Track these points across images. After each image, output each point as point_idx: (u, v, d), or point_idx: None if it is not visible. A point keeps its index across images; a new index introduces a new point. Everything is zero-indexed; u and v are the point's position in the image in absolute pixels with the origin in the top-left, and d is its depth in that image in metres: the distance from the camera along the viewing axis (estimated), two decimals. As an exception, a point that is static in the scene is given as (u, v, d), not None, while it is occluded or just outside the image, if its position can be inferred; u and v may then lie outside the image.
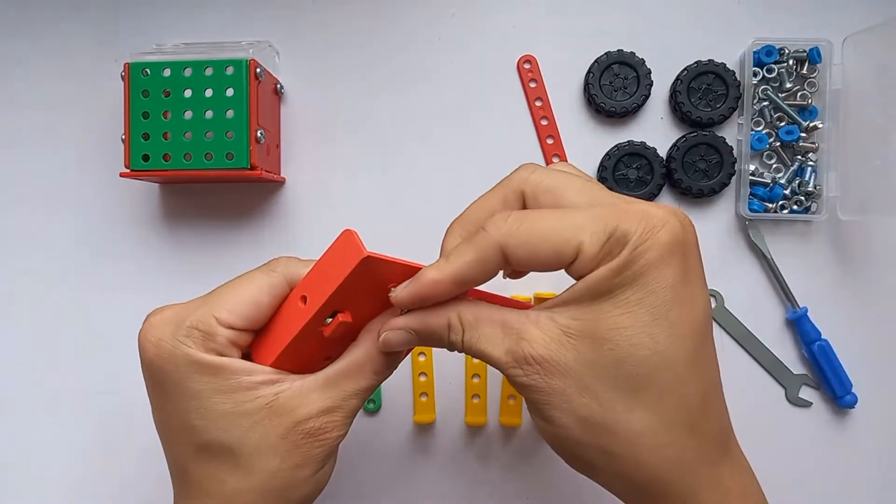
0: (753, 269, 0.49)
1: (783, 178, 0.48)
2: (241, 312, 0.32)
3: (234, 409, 0.32)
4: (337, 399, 0.33)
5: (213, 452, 0.32)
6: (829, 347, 0.48)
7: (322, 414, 0.33)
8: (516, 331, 0.31)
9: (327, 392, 0.33)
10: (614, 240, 0.29)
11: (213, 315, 0.32)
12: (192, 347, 0.32)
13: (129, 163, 0.44)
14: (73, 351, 0.51)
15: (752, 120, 0.48)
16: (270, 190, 0.50)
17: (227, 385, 0.32)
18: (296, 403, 0.33)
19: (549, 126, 0.50)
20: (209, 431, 0.32)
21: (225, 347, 0.32)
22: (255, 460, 0.32)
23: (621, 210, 0.29)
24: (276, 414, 0.32)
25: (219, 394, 0.32)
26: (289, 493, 0.33)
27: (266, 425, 0.32)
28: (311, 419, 0.33)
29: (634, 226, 0.29)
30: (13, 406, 0.51)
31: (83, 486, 0.50)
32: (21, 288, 0.51)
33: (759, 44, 0.47)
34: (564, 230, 0.29)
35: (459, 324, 0.32)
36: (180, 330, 0.32)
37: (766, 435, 0.49)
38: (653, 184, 0.48)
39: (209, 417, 0.32)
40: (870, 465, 0.49)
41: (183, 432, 0.33)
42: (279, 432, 0.32)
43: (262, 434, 0.32)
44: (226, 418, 0.32)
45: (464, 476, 0.50)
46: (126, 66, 0.44)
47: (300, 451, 0.33)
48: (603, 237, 0.29)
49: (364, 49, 0.50)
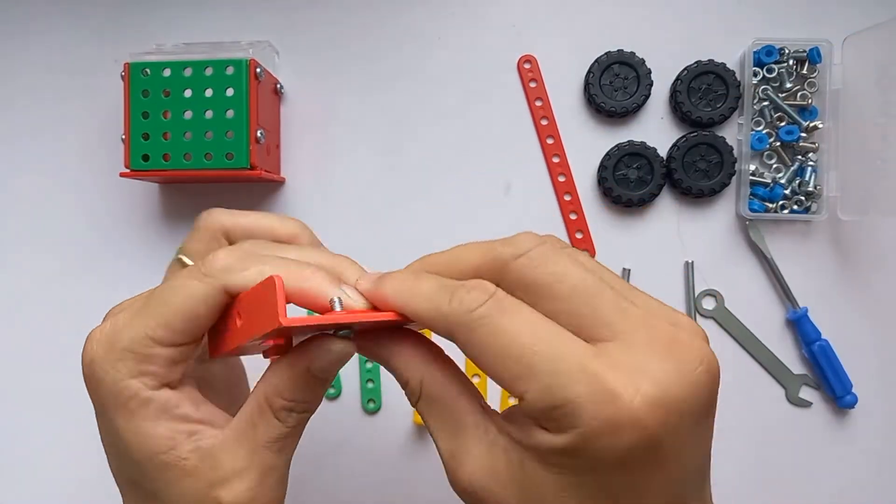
0: (753, 269, 0.49)
1: (783, 178, 0.48)
2: (177, 328, 0.29)
3: (150, 458, 0.29)
4: (247, 456, 0.29)
5: (140, 489, 0.30)
6: (829, 347, 0.48)
7: (234, 480, 0.29)
8: (462, 443, 0.27)
9: (236, 449, 0.29)
10: (559, 412, 0.23)
11: (148, 335, 0.29)
12: (123, 375, 0.29)
13: (129, 163, 0.44)
14: (73, 351, 0.50)
15: (752, 120, 0.48)
16: (270, 190, 0.50)
17: (142, 427, 0.29)
18: (207, 468, 0.29)
19: (549, 126, 0.50)
20: (131, 472, 0.30)
21: (162, 368, 0.29)
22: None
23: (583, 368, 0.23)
24: (191, 476, 0.29)
25: (135, 435, 0.29)
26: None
27: (184, 485, 0.29)
28: (225, 486, 0.29)
29: (585, 399, 0.23)
30: (13, 406, 0.51)
31: (83, 485, 0.50)
32: (21, 287, 0.51)
33: (759, 44, 0.47)
34: (515, 363, 0.24)
35: (419, 389, 0.29)
36: (113, 353, 0.29)
37: (766, 435, 0.49)
38: (653, 184, 0.48)
39: (129, 458, 0.30)
40: (870, 465, 0.49)
41: (113, 457, 0.31)
42: (196, 496, 0.29)
43: (181, 492, 0.29)
44: (143, 465, 0.29)
45: (464, 476, 0.50)
46: (126, 66, 0.44)
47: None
48: (547, 401, 0.23)
49: (364, 49, 0.50)
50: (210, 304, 0.29)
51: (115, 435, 0.29)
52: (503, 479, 0.26)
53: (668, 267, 0.49)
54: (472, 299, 0.25)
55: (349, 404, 0.50)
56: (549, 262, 0.25)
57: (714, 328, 0.49)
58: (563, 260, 0.26)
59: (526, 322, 0.25)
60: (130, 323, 0.29)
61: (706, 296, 0.49)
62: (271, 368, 0.30)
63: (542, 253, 0.26)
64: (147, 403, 0.29)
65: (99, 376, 0.29)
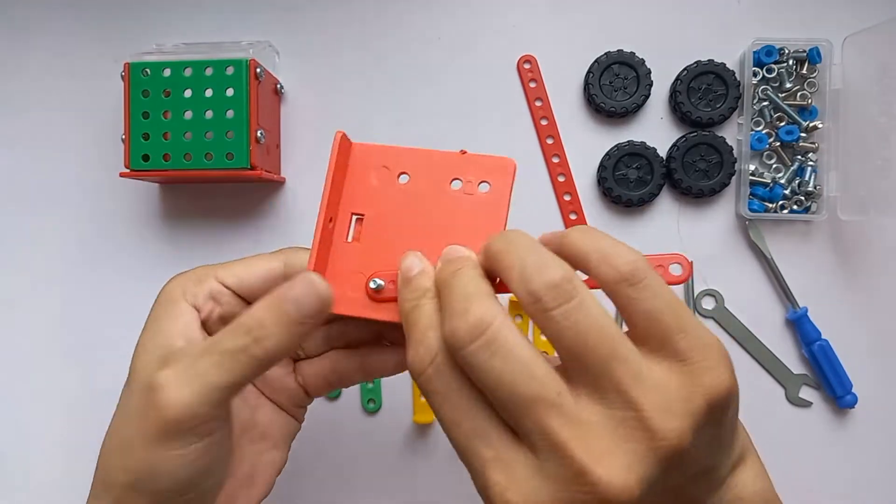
0: (753, 269, 0.49)
1: (783, 178, 0.48)
2: (233, 271, 0.34)
3: (147, 345, 0.32)
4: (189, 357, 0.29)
5: (126, 384, 0.33)
6: (829, 347, 0.48)
7: (166, 368, 0.29)
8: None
9: (189, 359, 0.29)
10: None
11: (215, 268, 0.35)
12: (179, 283, 0.34)
13: (129, 163, 0.44)
14: (74, 351, 0.51)
15: (752, 120, 0.48)
16: (270, 190, 0.50)
17: (163, 324, 0.33)
18: (165, 358, 0.30)
19: (549, 126, 0.50)
20: (138, 356, 0.33)
21: (203, 294, 0.34)
22: (125, 398, 0.32)
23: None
24: (159, 362, 0.30)
25: (154, 328, 0.33)
26: (127, 451, 0.30)
27: (148, 366, 0.31)
28: (160, 371, 0.29)
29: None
30: (13, 405, 0.51)
31: (83, 485, 0.50)
32: (21, 287, 0.51)
33: (759, 44, 0.47)
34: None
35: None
36: (186, 273, 0.35)
37: (766, 435, 0.49)
38: (653, 184, 0.48)
39: (139, 344, 0.33)
40: (870, 465, 0.49)
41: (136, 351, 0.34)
42: (147, 375, 0.30)
43: (142, 376, 0.31)
44: (140, 349, 0.33)
45: (464, 476, 0.50)
46: (126, 66, 0.44)
47: (143, 409, 0.29)
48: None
49: (364, 49, 0.50)
50: (267, 267, 0.35)
51: (146, 325, 0.33)
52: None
53: (668, 267, 0.49)
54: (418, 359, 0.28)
55: (349, 404, 0.50)
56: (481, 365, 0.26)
57: (714, 328, 0.49)
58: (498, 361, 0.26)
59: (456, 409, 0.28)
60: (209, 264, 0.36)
61: (706, 296, 0.49)
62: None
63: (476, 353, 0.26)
64: (176, 304, 0.33)
65: (170, 286, 0.34)
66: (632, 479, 0.25)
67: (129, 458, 0.30)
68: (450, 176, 0.32)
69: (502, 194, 0.32)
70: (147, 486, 0.29)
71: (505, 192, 0.32)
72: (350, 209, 0.33)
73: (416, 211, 0.32)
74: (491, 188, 0.32)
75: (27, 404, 0.51)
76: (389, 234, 0.32)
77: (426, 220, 0.32)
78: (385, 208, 0.33)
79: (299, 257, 0.35)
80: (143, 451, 0.29)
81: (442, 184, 0.32)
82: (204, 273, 0.34)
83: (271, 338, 0.28)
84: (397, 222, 0.33)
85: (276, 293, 0.29)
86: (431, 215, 0.32)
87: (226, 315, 0.34)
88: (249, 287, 0.34)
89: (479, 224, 0.31)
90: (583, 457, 0.25)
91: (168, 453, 0.29)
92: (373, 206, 0.33)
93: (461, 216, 0.32)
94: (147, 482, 0.29)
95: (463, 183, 0.32)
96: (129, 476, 0.30)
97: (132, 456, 0.29)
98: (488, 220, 0.32)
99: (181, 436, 0.29)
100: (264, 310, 0.28)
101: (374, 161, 0.33)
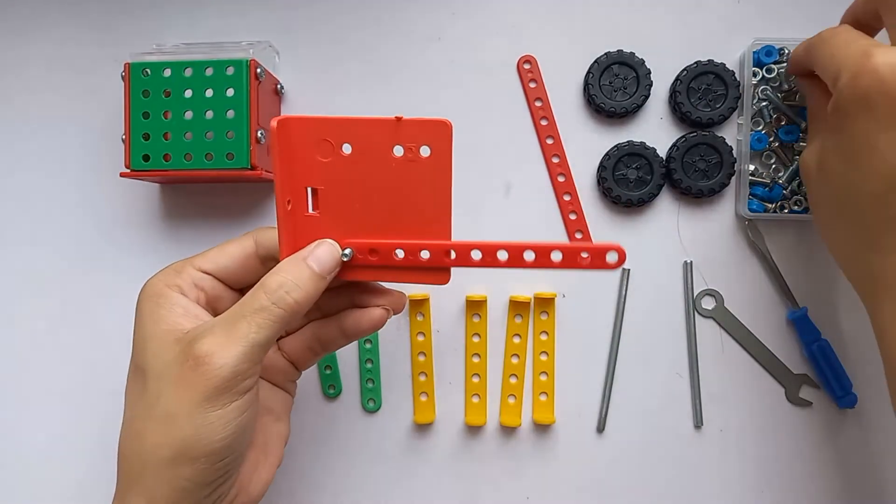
0: (753, 269, 0.49)
1: (783, 178, 0.48)
2: (209, 257, 0.38)
3: (155, 333, 0.34)
4: (224, 322, 0.33)
5: (136, 375, 0.35)
6: (829, 347, 0.48)
7: (206, 336, 0.33)
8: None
9: (220, 318, 0.34)
10: (836, 79, 0.36)
11: (189, 260, 0.38)
12: (158, 279, 0.36)
13: (130, 163, 0.44)
14: (73, 350, 0.51)
15: (751, 120, 0.48)
16: (270, 190, 0.50)
17: (160, 313, 0.35)
18: (195, 335, 0.33)
19: (548, 126, 0.50)
20: (137, 353, 0.35)
21: (186, 283, 0.36)
22: (151, 383, 0.34)
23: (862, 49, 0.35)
24: (178, 342, 0.34)
25: (151, 320, 0.35)
26: (170, 424, 0.32)
27: (168, 351, 0.34)
28: (195, 341, 0.33)
29: (851, 60, 0.35)
30: (13, 406, 0.51)
31: (83, 485, 0.50)
32: (21, 287, 0.51)
33: (758, 44, 0.47)
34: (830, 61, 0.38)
35: None
36: (161, 271, 0.37)
37: (766, 435, 0.49)
38: (653, 184, 0.48)
39: (139, 340, 0.35)
40: (870, 465, 0.49)
41: (132, 353, 0.36)
42: (173, 357, 0.33)
43: (164, 358, 0.34)
44: (147, 341, 0.35)
45: (464, 476, 0.50)
46: (126, 66, 0.44)
47: (181, 377, 0.33)
48: (832, 73, 0.37)
49: (364, 49, 0.50)
50: (240, 245, 0.38)
51: (137, 323, 0.36)
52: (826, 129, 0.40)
53: (668, 267, 0.50)
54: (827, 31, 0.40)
55: (349, 404, 0.50)
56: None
57: (714, 328, 0.49)
58: None
59: (846, 36, 0.38)
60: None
61: (706, 296, 0.49)
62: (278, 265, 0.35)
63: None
64: (166, 295, 0.36)
65: (149, 285, 0.37)
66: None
67: (173, 431, 0.32)
68: (391, 142, 0.34)
69: (444, 155, 0.34)
70: (191, 453, 0.32)
71: (446, 153, 0.34)
72: (305, 184, 0.35)
73: (366, 178, 0.35)
74: (432, 151, 0.34)
75: (27, 404, 0.51)
76: (346, 201, 0.35)
77: (377, 185, 0.35)
78: (336, 178, 0.35)
79: (268, 234, 0.38)
80: (187, 420, 0.32)
81: (384, 150, 0.34)
82: (180, 266, 0.37)
83: (296, 291, 0.33)
84: (350, 190, 0.35)
85: (296, 256, 0.34)
86: (381, 181, 0.34)
87: (211, 298, 0.38)
88: (227, 269, 0.38)
89: (426, 185, 0.34)
90: None
91: (213, 414, 0.32)
92: (324, 179, 0.35)
93: (408, 180, 0.34)
94: (192, 449, 0.32)
95: (404, 148, 0.34)
96: (171, 449, 0.32)
97: (176, 427, 0.32)
98: (434, 181, 0.34)
99: (226, 395, 0.32)
100: (287, 271, 0.34)
101: (315, 134, 0.34)
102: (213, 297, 0.38)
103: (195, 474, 0.32)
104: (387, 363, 0.50)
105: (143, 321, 0.35)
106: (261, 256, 0.38)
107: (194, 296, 0.37)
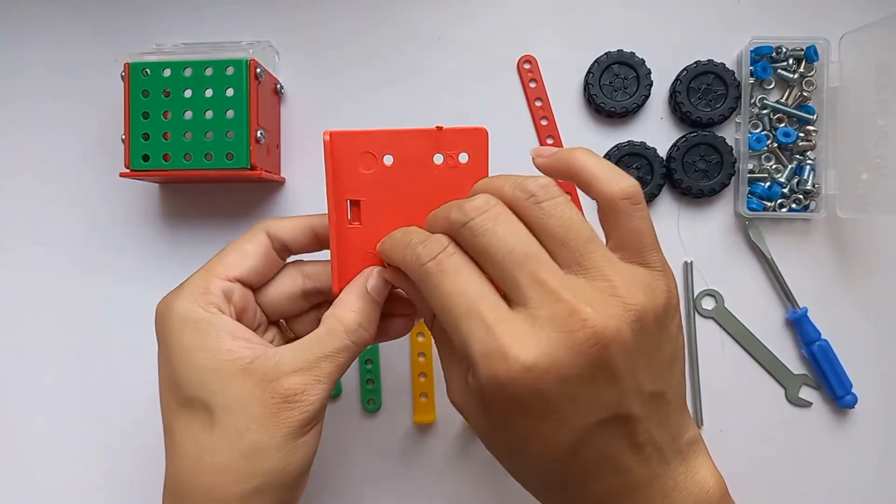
0: (753, 269, 0.49)
1: (782, 177, 0.48)
2: (229, 262, 0.37)
3: (214, 365, 0.34)
4: (308, 361, 0.34)
5: (193, 409, 0.34)
6: (829, 347, 0.48)
7: (292, 375, 0.34)
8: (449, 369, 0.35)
9: (300, 355, 0.34)
10: (468, 362, 0.30)
11: (209, 271, 0.36)
12: (189, 302, 0.35)
13: (129, 163, 0.44)
14: (73, 350, 0.51)
15: (749, 120, 0.48)
16: (270, 190, 0.50)
17: (209, 342, 0.34)
18: (270, 365, 0.34)
19: (549, 126, 0.50)
20: (190, 387, 0.34)
21: (219, 299, 0.36)
22: (226, 417, 0.33)
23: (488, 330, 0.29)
24: (250, 374, 0.34)
25: (202, 350, 0.34)
26: (258, 457, 0.33)
27: (240, 384, 0.33)
28: (282, 379, 0.34)
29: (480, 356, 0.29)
30: (13, 405, 0.51)
31: (83, 485, 0.50)
32: (21, 287, 0.51)
33: (755, 43, 0.47)
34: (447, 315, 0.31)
35: (431, 322, 0.35)
36: (182, 290, 0.36)
37: (766, 435, 0.49)
38: (653, 184, 0.48)
39: (192, 372, 0.34)
40: (870, 465, 0.49)
41: (171, 388, 0.35)
42: (250, 391, 0.33)
43: (236, 392, 0.33)
44: (206, 374, 0.34)
45: (464, 476, 0.50)
46: (126, 66, 0.44)
47: (269, 413, 0.33)
48: (462, 351, 0.30)
49: (364, 49, 0.50)
50: (255, 241, 0.38)
51: (177, 358, 0.34)
52: (467, 402, 0.33)
53: (668, 267, 0.49)
54: (423, 253, 0.31)
55: (349, 404, 0.50)
56: (486, 231, 0.30)
57: (714, 328, 0.49)
58: (501, 228, 0.30)
59: (459, 281, 0.30)
60: (198, 272, 0.37)
61: (706, 296, 0.49)
62: (339, 297, 0.36)
63: (482, 223, 0.31)
64: (210, 322, 0.35)
65: (169, 308, 0.35)
66: (615, 323, 0.28)
67: (260, 464, 0.33)
68: (431, 151, 0.36)
69: (481, 160, 0.36)
70: (278, 482, 0.34)
71: (483, 158, 0.36)
72: (347, 196, 0.36)
73: (407, 187, 0.36)
74: (470, 157, 0.36)
75: (27, 405, 0.51)
76: (387, 212, 0.36)
77: (418, 194, 0.36)
78: (379, 190, 0.36)
79: (279, 225, 0.38)
80: (275, 452, 0.33)
81: (425, 159, 0.36)
82: (203, 280, 0.36)
83: (371, 327, 0.36)
84: (390, 200, 0.36)
85: (360, 287, 0.36)
86: (422, 189, 0.36)
87: (240, 309, 0.37)
88: (253, 270, 0.38)
89: (465, 190, 0.35)
90: (571, 299, 0.28)
91: (299, 442, 0.34)
92: (367, 191, 0.36)
93: (448, 185, 0.36)
94: (280, 477, 0.34)
95: (444, 156, 0.36)
96: (259, 480, 0.33)
97: (262, 460, 0.33)
98: (473, 183, 0.35)
99: (310, 424, 0.34)
100: (359, 309, 0.35)
101: (357, 148, 0.36)
102: (241, 307, 0.37)
103: (276, 501, 0.34)
104: (387, 363, 0.50)
105: (190, 351, 0.34)
106: (276, 250, 0.39)
107: (229, 311, 0.36)
